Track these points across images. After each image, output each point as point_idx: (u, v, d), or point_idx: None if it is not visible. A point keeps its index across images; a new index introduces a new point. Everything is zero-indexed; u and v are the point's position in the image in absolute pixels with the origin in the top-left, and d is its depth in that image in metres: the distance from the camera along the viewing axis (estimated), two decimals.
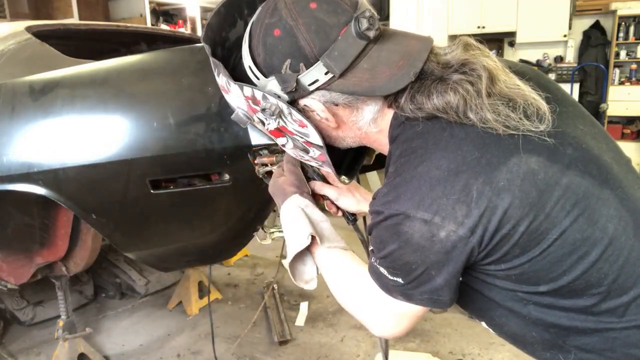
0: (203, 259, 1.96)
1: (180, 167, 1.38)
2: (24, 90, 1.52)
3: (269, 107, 0.85)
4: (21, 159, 1.48)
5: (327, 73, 0.80)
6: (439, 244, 0.73)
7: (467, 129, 0.77)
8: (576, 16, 7.01)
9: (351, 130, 0.91)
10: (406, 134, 0.82)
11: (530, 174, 0.73)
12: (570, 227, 0.74)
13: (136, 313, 3.09)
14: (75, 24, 2.61)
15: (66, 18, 6.23)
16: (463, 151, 0.75)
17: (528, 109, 0.77)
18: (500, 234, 0.73)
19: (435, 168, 0.75)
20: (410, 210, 0.74)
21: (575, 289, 0.77)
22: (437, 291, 0.79)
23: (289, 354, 2.59)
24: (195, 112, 1.32)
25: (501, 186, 0.72)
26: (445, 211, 0.72)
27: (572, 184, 0.75)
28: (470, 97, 0.76)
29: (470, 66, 0.79)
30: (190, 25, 7.77)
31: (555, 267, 0.75)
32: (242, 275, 3.61)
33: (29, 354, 2.65)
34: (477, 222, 0.72)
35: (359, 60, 0.79)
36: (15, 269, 2.03)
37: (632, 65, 7.03)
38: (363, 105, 0.86)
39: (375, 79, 0.79)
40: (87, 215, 1.51)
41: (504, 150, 0.75)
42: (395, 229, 0.76)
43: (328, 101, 0.85)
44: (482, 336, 2.67)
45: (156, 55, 1.55)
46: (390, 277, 0.81)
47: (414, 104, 0.79)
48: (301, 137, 0.92)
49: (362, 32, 0.78)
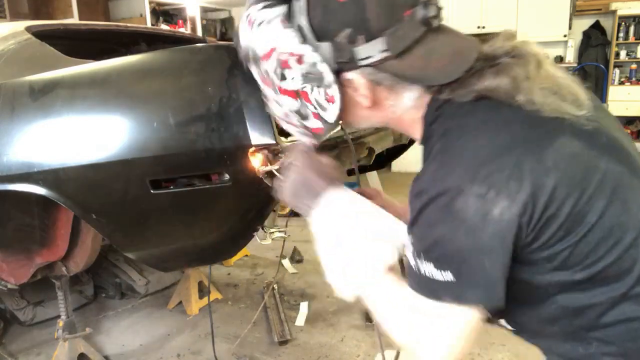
0: (203, 259, 1.96)
1: (180, 167, 1.38)
2: (24, 90, 1.52)
3: (312, 71, 0.82)
4: (21, 159, 1.48)
5: (384, 51, 0.78)
6: (493, 224, 0.71)
7: (514, 109, 0.77)
8: (576, 16, 7.01)
9: (383, 112, 0.88)
10: (449, 113, 0.81)
11: (575, 155, 0.75)
12: (607, 211, 0.75)
13: (136, 313, 3.09)
14: (75, 24, 2.62)
15: (66, 18, 6.23)
16: (512, 129, 0.76)
17: (568, 95, 0.79)
18: (548, 214, 0.73)
19: (486, 143, 0.74)
20: (464, 185, 0.72)
21: (607, 275, 0.77)
22: (492, 285, 0.75)
23: (289, 354, 2.59)
24: (195, 112, 1.32)
25: (549, 165, 0.72)
26: (500, 185, 0.71)
27: (609, 169, 0.77)
28: (520, 79, 0.77)
29: (519, 51, 0.81)
30: (190, 25, 7.77)
31: (592, 253, 0.76)
32: (242, 275, 3.61)
33: (29, 354, 2.65)
34: (528, 200, 0.71)
35: (415, 45, 0.79)
36: (15, 269, 2.03)
37: (632, 65, 7.03)
38: (403, 91, 0.85)
39: (427, 67, 0.80)
40: (87, 215, 1.51)
41: (550, 131, 0.76)
42: (447, 207, 0.73)
43: (373, 80, 0.82)
44: (482, 336, 2.67)
45: (156, 55, 1.55)
46: (437, 275, 0.75)
47: (465, 87, 0.79)
48: (316, 107, 0.88)
49: (428, 19, 0.78)
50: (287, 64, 0.85)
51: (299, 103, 0.89)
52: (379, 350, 1.21)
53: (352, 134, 1.66)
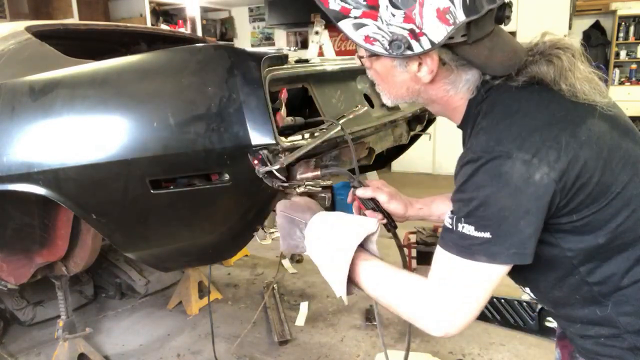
0: (203, 259, 1.96)
1: (180, 167, 1.37)
2: (24, 90, 1.52)
3: (400, 39, 0.86)
4: (21, 159, 1.48)
5: (464, 36, 0.86)
6: (533, 187, 0.81)
7: (554, 93, 0.89)
8: (576, 16, 7.01)
9: (435, 90, 0.97)
10: (496, 95, 0.92)
11: (602, 134, 0.87)
12: (629, 183, 0.86)
13: (136, 313, 3.09)
14: (75, 24, 2.62)
15: (66, 18, 6.23)
16: (552, 109, 0.87)
17: (595, 86, 0.91)
18: (580, 183, 0.83)
19: (531, 118, 0.86)
20: (513, 151, 0.82)
21: (625, 241, 0.88)
22: (525, 243, 0.84)
23: (289, 354, 2.59)
24: (195, 112, 1.32)
25: (583, 140, 0.84)
26: (542, 154, 0.81)
27: (629, 148, 0.89)
28: (565, 69, 0.89)
29: (564, 44, 0.93)
30: (190, 25, 7.77)
31: (614, 218, 0.86)
32: (242, 275, 3.61)
33: (29, 354, 2.65)
34: (564, 168, 0.82)
35: (485, 37, 0.88)
36: (15, 269, 2.03)
37: (632, 65, 7.04)
38: (463, 74, 0.94)
39: (490, 59, 0.90)
40: (87, 215, 1.51)
41: (582, 113, 0.88)
42: (496, 170, 0.82)
43: (442, 59, 0.91)
44: (482, 336, 2.67)
45: (156, 55, 1.55)
46: (476, 235, 0.84)
47: (521, 74, 0.90)
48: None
49: (503, 17, 0.89)
50: (381, 30, 0.88)
51: (370, 52, 0.94)
52: (379, 350, 1.22)
53: (352, 134, 1.66)
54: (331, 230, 1.03)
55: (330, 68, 1.83)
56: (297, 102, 1.81)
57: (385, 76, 0.98)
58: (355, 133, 1.71)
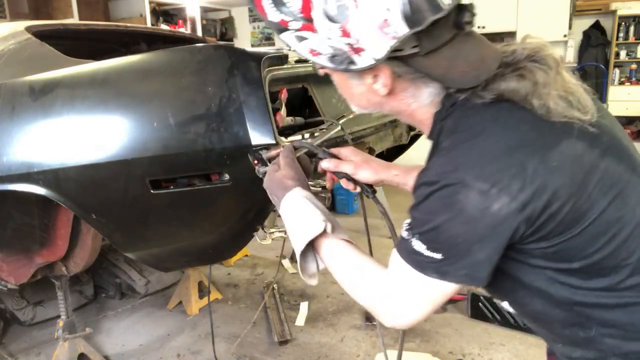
0: (203, 259, 1.96)
1: (180, 167, 1.37)
2: (24, 90, 1.52)
3: (341, 55, 0.82)
4: (21, 159, 1.48)
5: (415, 47, 0.79)
6: (490, 217, 0.75)
7: (525, 112, 0.81)
8: (576, 16, 7.02)
9: (396, 102, 0.91)
10: (461, 112, 0.85)
11: (578, 157, 0.79)
12: (607, 208, 0.79)
13: (136, 313, 3.09)
14: (75, 24, 2.62)
15: (66, 18, 6.23)
16: (521, 130, 0.79)
17: (575, 101, 0.83)
18: (548, 212, 0.76)
19: (494, 142, 0.78)
20: (469, 180, 0.76)
21: (605, 265, 0.82)
22: (477, 266, 0.80)
23: (289, 354, 2.59)
24: (195, 112, 1.32)
25: (554, 166, 0.77)
26: (502, 184, 0.75)
27: (609, 168, 0.81)
28: (540, 84, 0.81)
29: (540, 55, 0.84)
30: (190, 25, 7.77)
31: (590, 245, 0.80)
32: (242, 275, 3.61)
33: (29, 354, 2.65)
34: (529, 199, 0.75)
35: (444, 46, 0.80)
36: (15, 269, 2.03)
37: (632, 65, 7.04)
38: (424, 87, 0.87)
39: (450, 70, 0.82)
40: (87, 215, 1.51)
41: (557, 133, 0.80)
42: (450, 198, 0.77)
43: (395, 72, 0.84)
44: (482, 336, 2.67)
45: (156, 55, 1.55)
46: (427, 254, 0.80)
47: (487, 90, 0.82)
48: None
49: (461, 23, 0.80)
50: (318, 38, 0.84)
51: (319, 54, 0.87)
52: (379, 350, 1.22)
53: (352, 134, 1.66)
54: (288, 223, 1.02)
55: None
56: (297, 102, 1.82)
57: (343, 88, 0.95)
58: (355, 133, 1.71)
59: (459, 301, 2.92)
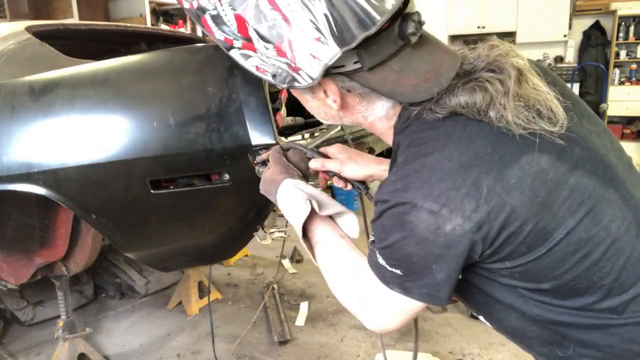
0: (203, 259, 1.96)
1: (180, 167, 1.38)
2: (24, 90, 1.52)
3: (281, 74, 0.81)
4: (21, 159, 1.48)
5: (356, 63, 0.77)
6: (443, 237, 0.72)
7: (481, 124, 0.76)
8: (576, 16, 7.01)
9: (353, 116, 0.89)
10: (416, 125, 0.81)
11: (541, 173, 0.74)
12: (576, 226, 0.74)
13: (136, 313, 3.09)
14: (75, 24, 2.61)
15: (66, 18, 6.23)
16: (476, 146, 0.74)
17: (543, 110, 0.77)
18: (507, 232, 0.72)
19: (446, 160, 0.74)
20: (417, 200, 0.72)
21: (577, 287, 0.77)
22: (437, 286, 0.77)
23: (289, 354, 2.59)
24: (195, 112, 1.32)
25: (512, 184, 0.72)
26: (454, 204, 0.71)
27: (579, 183, 0.75)
28: (497, 95, 0.76)
29: (499, 64, 0.79)
30: (190, 25, 7.77)
31: (559, 265, 0.75)
32: (242, 275, 3.61)
33: (29, 354, 2.65)
34: (484, 219, 0.71)
35: (390, 59, 0.77)
36: (15, 269, 2.03)
37: (632, 65, 7.03)
38: (377, 100, 0.85)
39: (399, 84, 0.78)
40: (87, 215, 1.51)
41: (517, 148, 0.74)
42: (400, 218, 0.75)
43: (343, 87, 0.83)
44: (482, 336, 2.67)
45: (156, 55, 1.55)
46: (389, 269, 0.80)
47: (438, 104, 0.78)
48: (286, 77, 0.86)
49: (406, 35, 0.76)
50: (254, 49, 0.83)
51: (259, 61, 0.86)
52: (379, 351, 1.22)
53: (352, 134, 1.66)
54: (285, 215, 1.03)
55: None
56: (297, 102, 1.81)
57: (302, 101, 0.94)
58: (355, 133, 1.71)
59: (459, 301, 2.92)
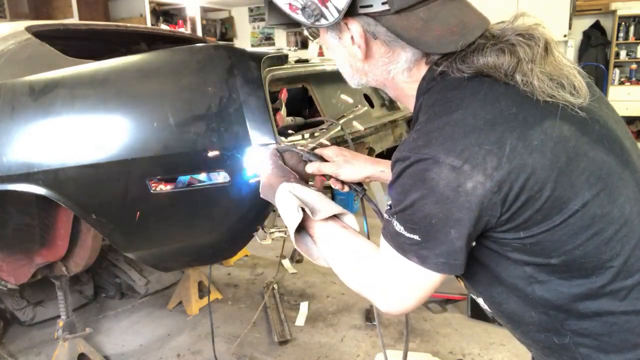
0: (203, 259, 1.96)
1: (181, 167, 1.38)
2: (24, 90, 1.52)
3: (310, 6, 0.80)
4: (21, 159, 1.48)
5: (385, 4, 0.76)
6: (464, 196, 0.70)
7: (507, 86, 0.76)
8: (576, 16, 7.02)
9: (377, 69, 0.87)
10: (441, 86, 0.80)
11: (563, 139, 0.73)
12: (592, 200, 0.74)
13: (136, 313, 3.09)
14: (75, 24, 2.61)
15: (66, 18, 6.24)
16: (501, 104, 0.74)
17: (567, 83, 0.78)
18: (526, 196, 0.71)
19: (471, 116, 0.73)
20: (440, 155, 0.71)
21: (585, 266, 0.76)
22: (454, 254, 0.75)
23: (289, 354, 2.59)
24: (195, 112, 1.32)
25: (534, 145, 0.71)
26: (476, 160, 0.70)
27: (598, 158, 0.76)
28: (524, 60, 0.76)
29: (530, 31, 0.80)
30: (190, 25, 7.77)
31: (571, 240, 0.75)
32: (242, 275, 3.61)
33: (29, 354, 2.65)
34: (505, 178, 0.70)
35: (418, 6, 0.77)
36: (15, 269, 2.03)
37: (632, 65, 7.04)
38: (401, 51, 0.83)
39: (424, 32, 0.77)
40: (87, 215, 1.51)
41: (540, 112, 0.74)
42: (421, 175, 0.73)
43: (369, 31, 0.81)
44: (482, 336, 2.67)
45: (156, 55, 1.55)
46: (406, 235, 0.77)
47: (465, 62, 0.78)
48: None
49: None
50: None
51: None
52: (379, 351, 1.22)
53: (352, 134, 1.66)
54: (282, 215, 1.02)
55: (330, 68, 1.83)
56: (297, 102, 1.82)
57: (330, 51, 0.92)
58: (355, 133, 1.71)
59: (459, 301, 2.92)
